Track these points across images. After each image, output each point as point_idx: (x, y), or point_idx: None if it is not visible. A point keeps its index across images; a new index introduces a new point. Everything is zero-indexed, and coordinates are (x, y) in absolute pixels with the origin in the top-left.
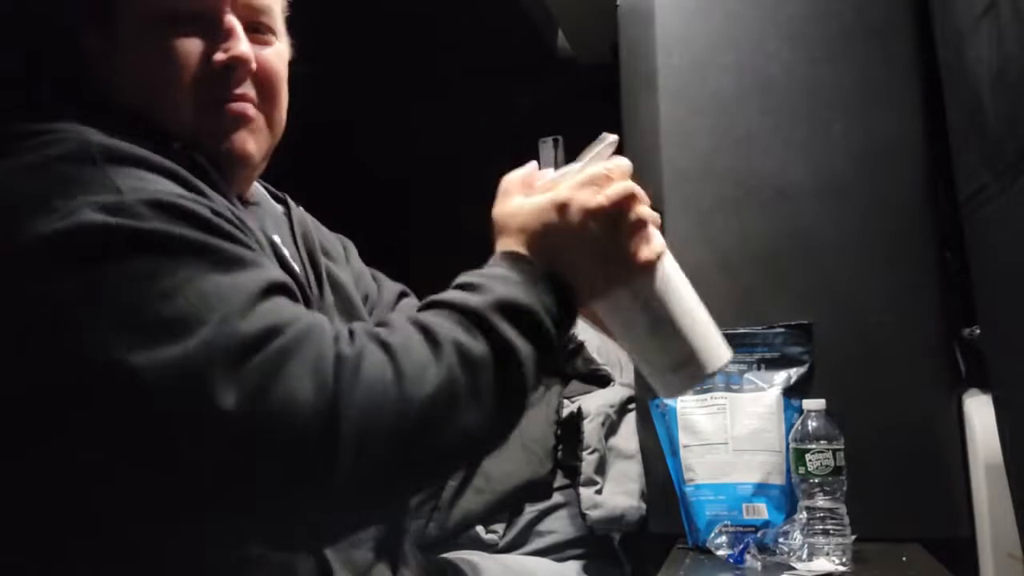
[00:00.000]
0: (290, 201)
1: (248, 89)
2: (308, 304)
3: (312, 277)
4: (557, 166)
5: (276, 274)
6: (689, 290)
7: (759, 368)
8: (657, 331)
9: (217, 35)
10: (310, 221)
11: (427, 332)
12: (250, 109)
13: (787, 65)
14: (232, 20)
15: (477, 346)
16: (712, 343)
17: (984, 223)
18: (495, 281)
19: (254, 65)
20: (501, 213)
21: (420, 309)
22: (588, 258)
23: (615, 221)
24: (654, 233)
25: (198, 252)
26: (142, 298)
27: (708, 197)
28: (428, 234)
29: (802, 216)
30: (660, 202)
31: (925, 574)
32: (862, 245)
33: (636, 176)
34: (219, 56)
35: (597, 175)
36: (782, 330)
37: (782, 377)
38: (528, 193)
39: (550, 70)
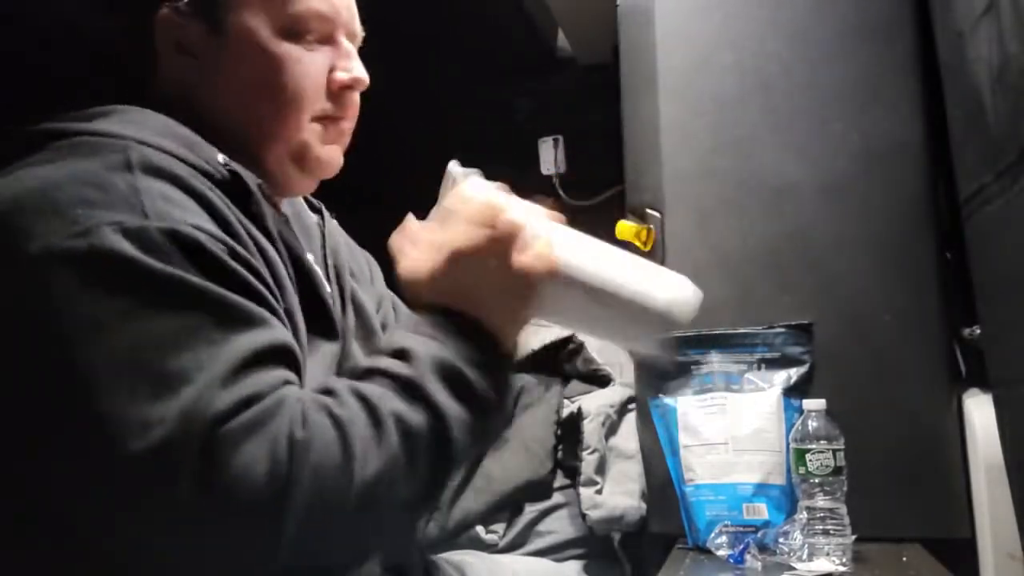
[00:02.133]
0: (325, 212)
1: (353, 107)
2: (332, 330)
3: (337, 296)
4: (557, 166)
5: (275, 336)
6: (603, 247)
7: (759, 368)
8: (602, 301)
9: (337, 55)
10: (342, 237)
11: (370, 408)
12: (348, 124)
13: (787, 65)
14: (350, 46)
15: (415, 416)
16: (665, 280)
17: (984, 223)
18: (423, 344)
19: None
20: (404, 277)
21: (359, 376)
22: (499, 284)
23: (499, 238)
24: (532, 228)
25: (204, 304)
26: (135, 342)
27: (708, 197)
28: None
29: (802, 216)
30: (660, 202)
31: (925, 574)
32: (862, 245)
33: (635, 176)
34: (342, 76)
35: (453, 203)
36: (782, 330)
37: (782, 377)
38: (415, 246)
39: (550, 70)
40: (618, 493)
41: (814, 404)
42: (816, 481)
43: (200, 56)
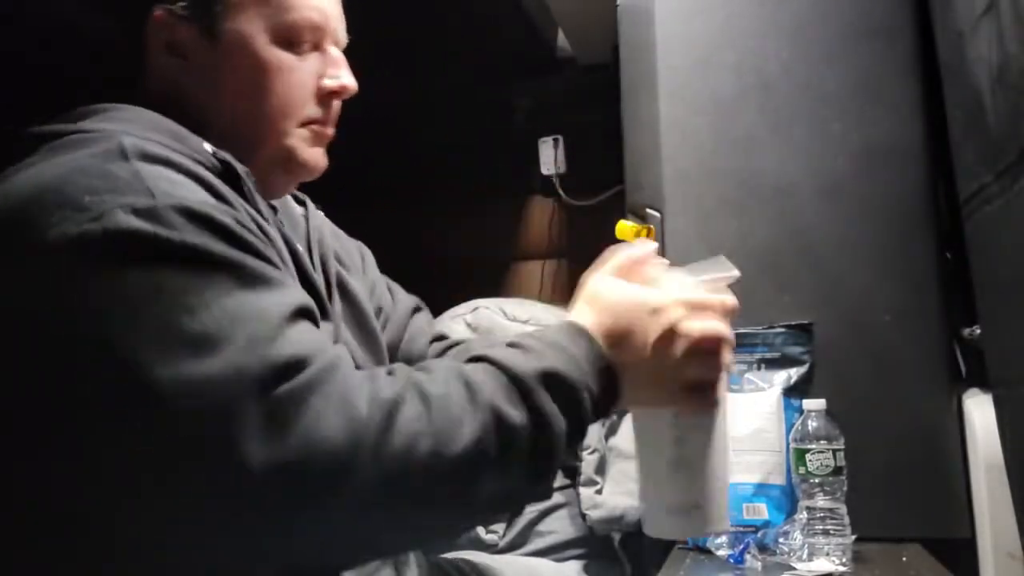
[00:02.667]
0: (309, 204)
1: (337, 112)
2: (325, 315)
3: (323, 283)
4: (557, 166)
5: (301, 297)
6: (726, 450)
7: (759, 368)
8: (678, 468)
9: (326, 62)
10: (328, 227)
11: (469, 388)
12: (331, 129)
13: (787, 65)
14: (338, 53)
15: (515, 414)
16: (720, 507)
17: (984, 223)
18: (550, 348)
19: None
20: (596, 285)
21: (468, 360)
22: (651, 371)
23: (695, 354)
24: (723, 381)
25: (226, 268)
26: (167, 310)
27: (708, 197)
28: (427, 234)
29: (802, 216)
30: (660, 202)
31: (925, 574)
32: (862, 245)
33: (635, 176)
34: (331, 84)
35: (704, 303)
36: (782, 330)
37: (782, 377)
38: (632, 279)
39: (550, 70)
40: (618, 493)
41: (814, 404)
42: (816, 481)
43: (191, 58)
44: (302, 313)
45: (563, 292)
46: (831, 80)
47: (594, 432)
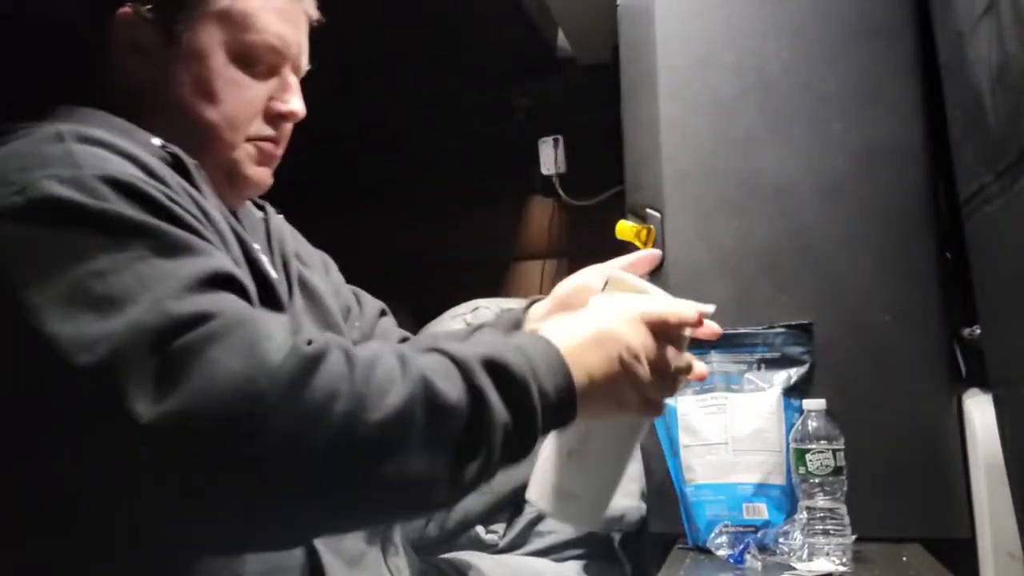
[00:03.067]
0: (269, 208)
1: (286, 135)
2: (279, 305)
3: (284, 281)
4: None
5: (223, 264)
6: (624, 458)
7: (759, 368)
8: (572, 457)
9: (279, 86)
10: (288, 230)
11: (402, 360)
12: (279, 150)
13: (787, 65)
14: (294, 79)
15: (450, 391)
16: (596, 507)
17: (984, 223)
18: (503, 346)
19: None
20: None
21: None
22: (608, 387)
23: (653, 374)
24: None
25: (144, 234)
26: (77, 272)
27: (708, 197)
28: (427, 234)
29: (802, 216)
30: (660, 202)
31: (925, 574)
32: (862, 245)
33: (635, 176)
34: (280, 107)
35: (665, 320)
36: (782, 330)
37: (782, 377)
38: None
39: (550, 70)
40: (618, 493)
41: (814, 404)
42: (816, 481)
43: (150, 58)
44: (219, 280)
45: None
46: (831, 80)
47: None
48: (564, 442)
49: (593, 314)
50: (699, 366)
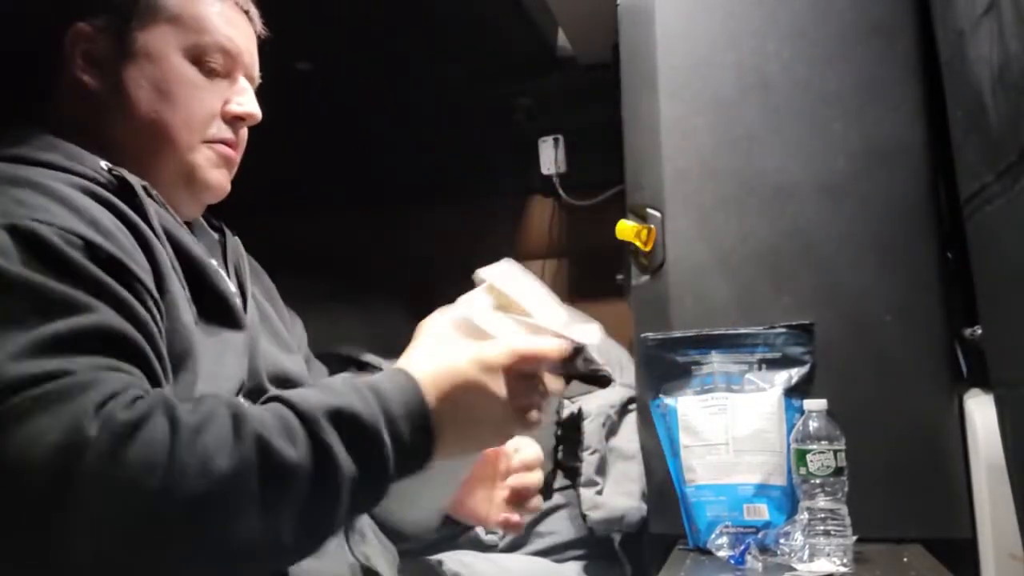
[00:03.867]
0: (226, 230)
1: (243, 140)
2: (238, 324)
3: (239, 295)
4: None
5: (102, 321)
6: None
7: (760, 368)
8: (431, 484)
9: (234, 87)
10: (243, 252)
11: (236, 420)
12: (236, 154)
13: (787, 65)
14: (247, 84)
15: (289, 450)
16: (411, 524)
17: (985, 222)
18: (355, 389)
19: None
20: (431, 331)
21: (261, 402)
22: (470, 425)
23: (515, 410)
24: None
25: (21, 291)
26: None
27: (708, 196)
28: (426, 233)
29: (803, 215)
30: (660, 202)
31: (926, 575)
32: (863, 244)
33: (635, 176)
34: (235, 108)
35: (529, 355)
36: (783, 330)
37: (783, 377)
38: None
39: (550, 70)
40: (619, 494)
41: (815, 404)
42: (817, 482)
43: (104, 69)
44: (93, 337)
45: (563, 292)
46: (831, 80)
47: (595, 432)
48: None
49: (450, 352)
50: (555, 387)
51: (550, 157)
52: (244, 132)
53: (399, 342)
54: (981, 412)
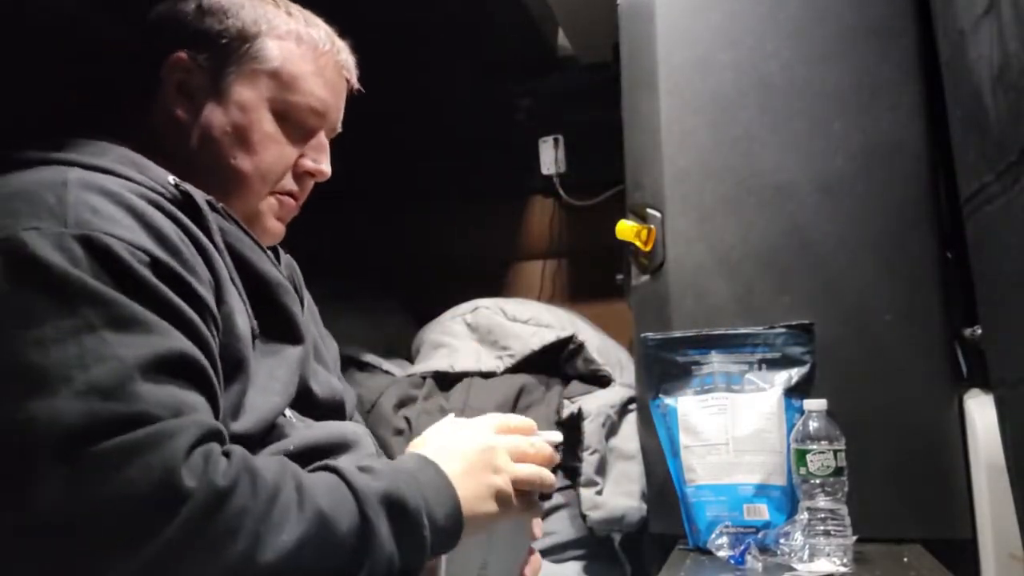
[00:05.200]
0: (280, 250)
1: (307, 191)
2: (295, 330)
3: (298, 307)
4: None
5: (175, 345)
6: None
7: (760, 368)
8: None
9: (312, 145)
10: (296, 268)
11: (300, 491)
12: (298, 205)
13: (787, 64)
14: (326, 140)
15: (342, 522)
16: None
17: (985, 222)
18: (399, 476)
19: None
20: (437, 429)
21: (313, 469)
22: (481, 501)
23: (517, 490)
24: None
25: (98, 303)
26: (22, 337)
27: (708, 196)
28: (426, 234)
29: (803, 215)
30: (660, 201)
31: (926, 575)
32: (863, 244)
33: (635, 176)
34: (309, 165)
35: (524, 451)
36: (783, 330)
37: (783, 377)
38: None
39: (550, 70)
40: (619, 494)
41: (815, 404)
42: (817, 482)
43: (194, 103)
44: (168, 363)
45: (563, 292)
46: (831, 79)
47: (595, 432)
48: (469, 563)
49: (461, 436)
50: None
51: (550, 157)
52: (311, 185)
53: (399, 342)
54: (981, 412)
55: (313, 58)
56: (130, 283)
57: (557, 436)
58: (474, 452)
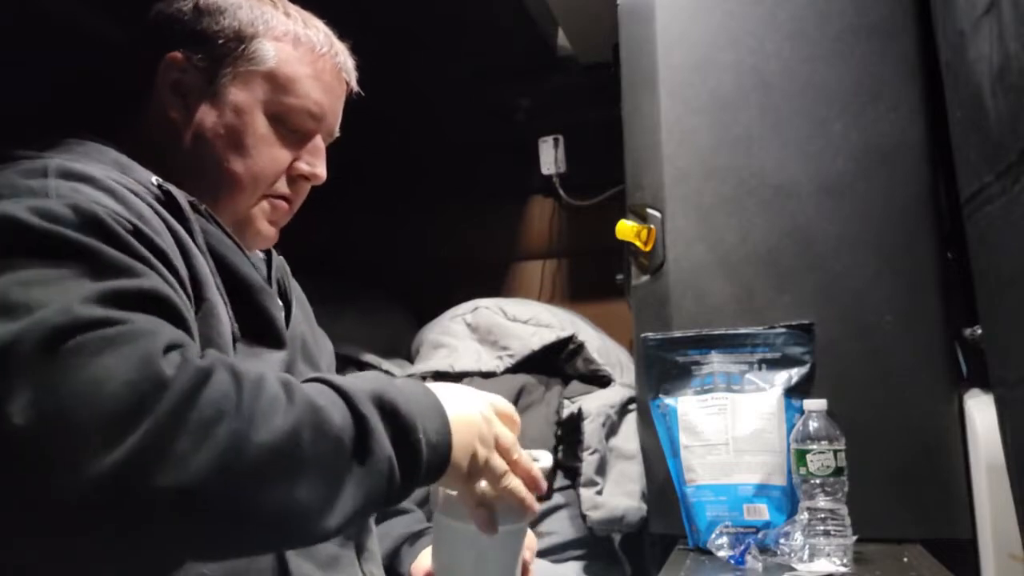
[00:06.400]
0: (273, 251)
1: (303, 195)
2: (278, 335)
3: (283, 312)
4: (557, 166)
5: (154, 286)
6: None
7: (760, 368)
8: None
9: (307, 148)
10: (287, 270)
11: (287, 386)
12: (292, 209)
13: (787, 64)
14: (323, 144)
15: (336, 418)
16: None
17: (985, 223)
18: (389, 383)
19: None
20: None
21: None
22: (474, 461)
23: (510, 475)
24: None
25: (82, 256)
26: (4, 281)
27: (708, 196)
28: (427, 234)
29: (803, 215)
30: (661, 201)
31: (926, 575)
32: (863, 245)
33: (636, 175)
34: (304, 168)
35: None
36: (783, 330)
37: (783, 377)
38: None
39: (550, 70)
40: (619, 494)
41: (815, 404)
42: (817, 482)
43: (188, 103)
44: (143, 297)
45: (563, 292)
46: (831, 79)
47: (595, 432)
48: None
49: (463, 390)
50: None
51: (550, 157)
52: (306, 188)
53: (399, 342)
54: (981, 412)
55: (311, 60)
56: (113, 240)
57: (547, 458)
58: (476, 410)
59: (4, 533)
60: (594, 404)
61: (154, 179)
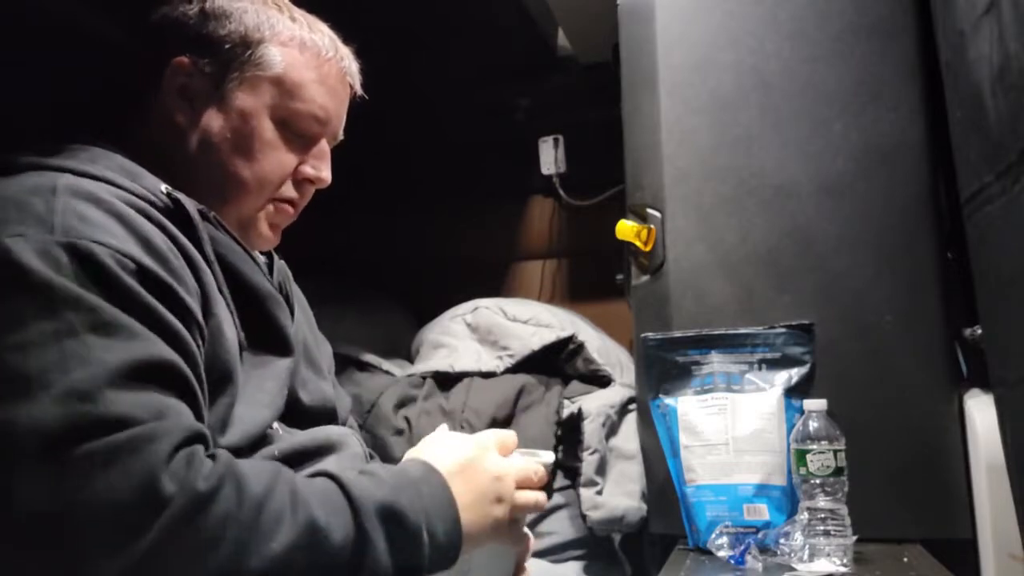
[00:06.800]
0: (273, 253)
1: (307, 199)
2: (285, 342)
3: (289, 318)
4: (557, 166)
5: (158, 353)
6: None
7: (760, 368)
8: None
9: (313, 152)
10: (289, 275)
11: (294, 497)
12: (295, 213)
13: (787, 64)
14: (327, 147)
15: (337, 533)
16: None
17: (985, 223)
18: (401, 486)
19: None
20: (444, 443)
21: (313, 474)
22: (482, 522)
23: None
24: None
25: (81, 308)
26: (3, 342)
27: (708, 196)
28: (427, 234)
29: (803, 215)
30: (661, 201)
31: (926, 575)
32: (863, 244)
33: (636, 175)
34: (309, 171)
35: (527, 477)
36: (783, 330)
37: (783, 377)
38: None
39: (550, 70)
40: (619, 494)
41: (815, 404)
42: (817, 482)
43: (194, 107)
44: (150, 369)
45: (563, 292)
46: (831, 79)
47: (595, 432)
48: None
49: (475, 459)
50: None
51: (550, 157)
52: (311, 192)
53: (399, 342)
54: (981, 412)
55: (316, 65)
56: (115, 290)
57: (550, 456)
58: (487, 481)
59: None
60: (594, 404)
61: (163, 187)
